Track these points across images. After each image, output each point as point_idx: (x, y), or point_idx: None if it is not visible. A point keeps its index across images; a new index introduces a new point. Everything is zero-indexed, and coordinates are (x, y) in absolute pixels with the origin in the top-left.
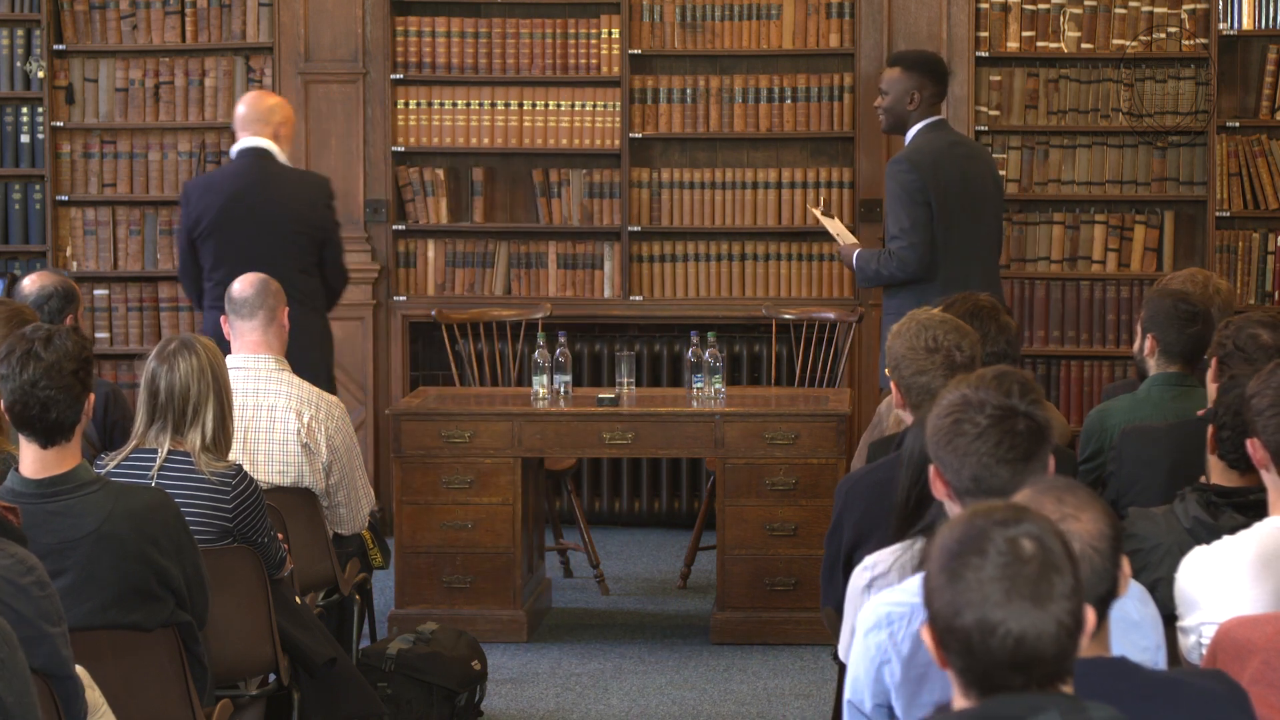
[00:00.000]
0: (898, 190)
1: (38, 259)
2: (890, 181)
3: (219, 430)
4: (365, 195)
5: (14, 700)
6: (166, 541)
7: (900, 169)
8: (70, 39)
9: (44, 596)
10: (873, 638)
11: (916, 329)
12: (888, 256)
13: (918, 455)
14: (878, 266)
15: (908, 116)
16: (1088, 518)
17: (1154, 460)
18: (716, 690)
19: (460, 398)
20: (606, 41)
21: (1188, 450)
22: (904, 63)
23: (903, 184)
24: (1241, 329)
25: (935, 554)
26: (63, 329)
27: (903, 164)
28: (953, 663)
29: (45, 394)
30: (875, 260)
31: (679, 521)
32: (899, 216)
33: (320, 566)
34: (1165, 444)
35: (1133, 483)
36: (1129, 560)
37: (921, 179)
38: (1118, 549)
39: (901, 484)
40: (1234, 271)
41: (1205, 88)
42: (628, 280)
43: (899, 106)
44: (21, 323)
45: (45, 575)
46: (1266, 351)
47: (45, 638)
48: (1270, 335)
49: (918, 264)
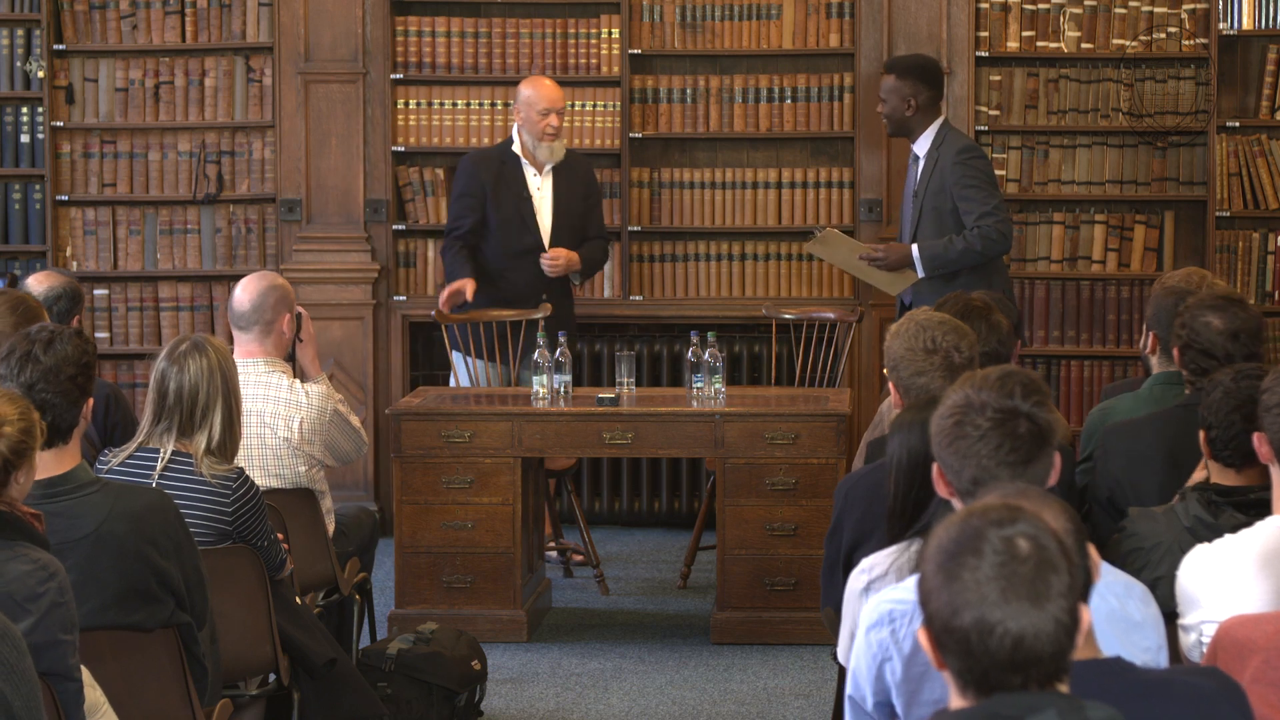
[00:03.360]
0: (976, 172)
1: (38, 259)
2: (965, 166)
3: (226, 434)
4: (365, 195)
5: (21, 705)
6: (165, 542)
7: (975, 154)
8: (70, 39)
9: (62, 604)
10: (874, 635)
11: (915, 330)
12: (977, 234)
13: (906, 459)
14: (966, 246)
15: (909, 121)
16: (1048, 515)
17: (1144, 453)
18: (716, 690)
19: (460, 398)
20: (606, 41)
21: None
22: (897, 70)
23: (980, 167)
24: (1195, 317)
25: (930, 555)
26: (66, 332)
27: (975, 149)
28: (950, 663)
29: (42, 397)
30: (961, 241)
31: (679, 521)
32: (985, 195)
33: (320, 566)
34: (1151, 435)
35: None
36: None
37: (990, 163)
38: (1082, 541)
39: (894, 488)
40: (1234, 271)
41: (1205, 88)
42: (628, 280)
43: (898, 114)
44: (26, 311)
45: (67, 582)
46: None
47: (57, 644)
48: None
49: (1009, 238)
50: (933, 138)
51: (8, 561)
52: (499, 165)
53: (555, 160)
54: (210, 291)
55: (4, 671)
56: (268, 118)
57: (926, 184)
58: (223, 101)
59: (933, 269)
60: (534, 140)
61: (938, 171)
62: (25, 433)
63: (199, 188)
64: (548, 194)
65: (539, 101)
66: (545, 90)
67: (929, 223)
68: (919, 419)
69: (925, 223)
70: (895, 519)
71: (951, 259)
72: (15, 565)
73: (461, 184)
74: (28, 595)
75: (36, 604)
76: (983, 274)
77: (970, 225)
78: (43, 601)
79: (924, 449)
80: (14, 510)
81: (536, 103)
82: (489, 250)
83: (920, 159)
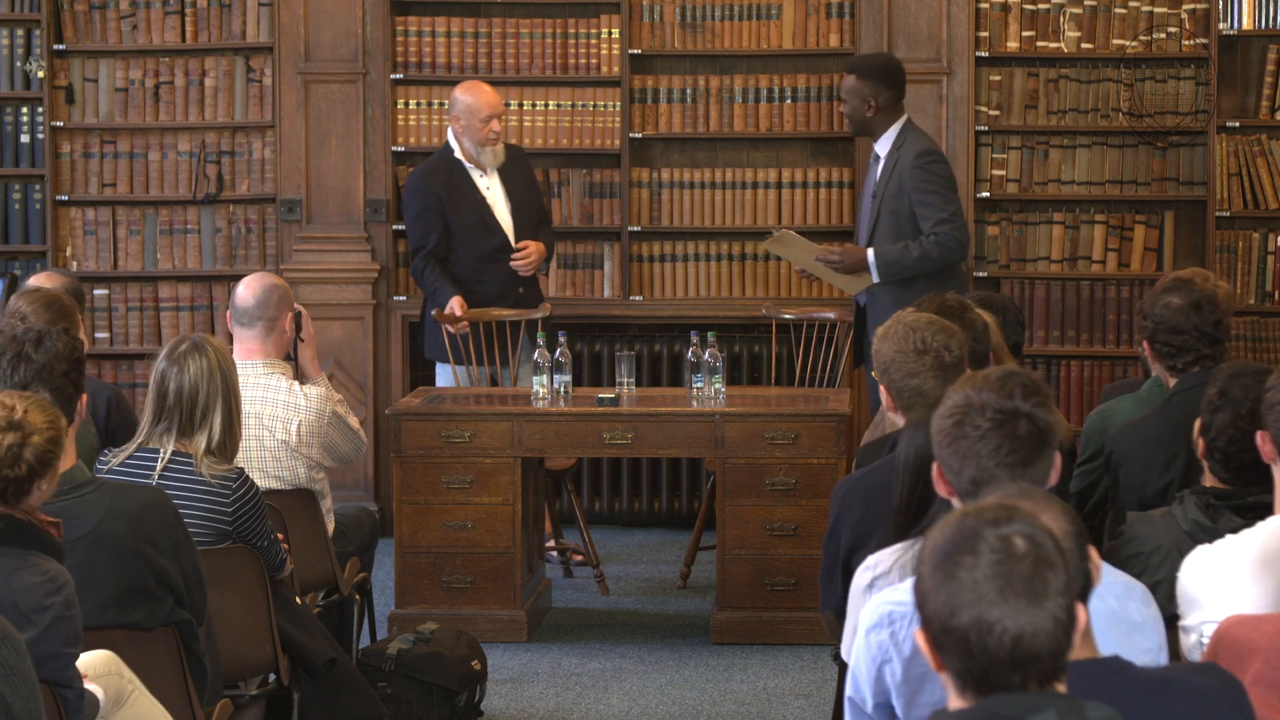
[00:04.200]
0: (934, 177)
1: (38, 259)
2: (923, 171)
3: (226, 434)
4: (365, 195)
5: (21, 707)
6: (164, 540)
7: (934, 158)
8: (70, 39)
9: (68, 618)
10: (874, 636)
11: (904, 331)
12: (934, 242)
13: (914, 458)
14: (923, 253)
15: (870, 121)
16: (1048, 516)
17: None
18: (716, 690)
19: (460, 398)
20: (606, 41)
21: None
22: (858, 70)
23: (938, 171)
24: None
25: (927, 556)
26: (53, 330)
27: (935, 152)
28: (949, 664)
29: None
30: (918, 249)
31: (679, 521)
32: (943, 201)
33: (320, 566)
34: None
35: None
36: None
37: (950, 167)
38: (1083, 543)
39: (900, 486)
40: (1234, 271)
41: (1205, 88)
42: (628, 280)
43: (859, 114)
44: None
45: (74, 595)
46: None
47: (58, 656)
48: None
49: (966, 245)
50: (894, 138)
51: (18, 571)
52: (447, 175)
53: (499, 162)
54: (210, 291)
55: (4, 674)
56: (268, 118)
57: (885, 185)
58: (223, 101)
59: (888, 275)
60: (476, 146)
61: (896, 173)
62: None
63: (199, 188)
64: (499, 193)
65: (482, 109)
66: (487, 97)
67: (886, 226)
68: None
69: (882, 225)
70: (900, 516)
71: (908, 266)
72: (25, 576)
73: (418, 202)
74: (33, 607)
75: (41, 616)
76: (939, 279)
77: (927, 231)
78: (47, 615)
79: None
80: (32, 519)
81: (479, 110)
82: (457, 260)
83: (881, 159)
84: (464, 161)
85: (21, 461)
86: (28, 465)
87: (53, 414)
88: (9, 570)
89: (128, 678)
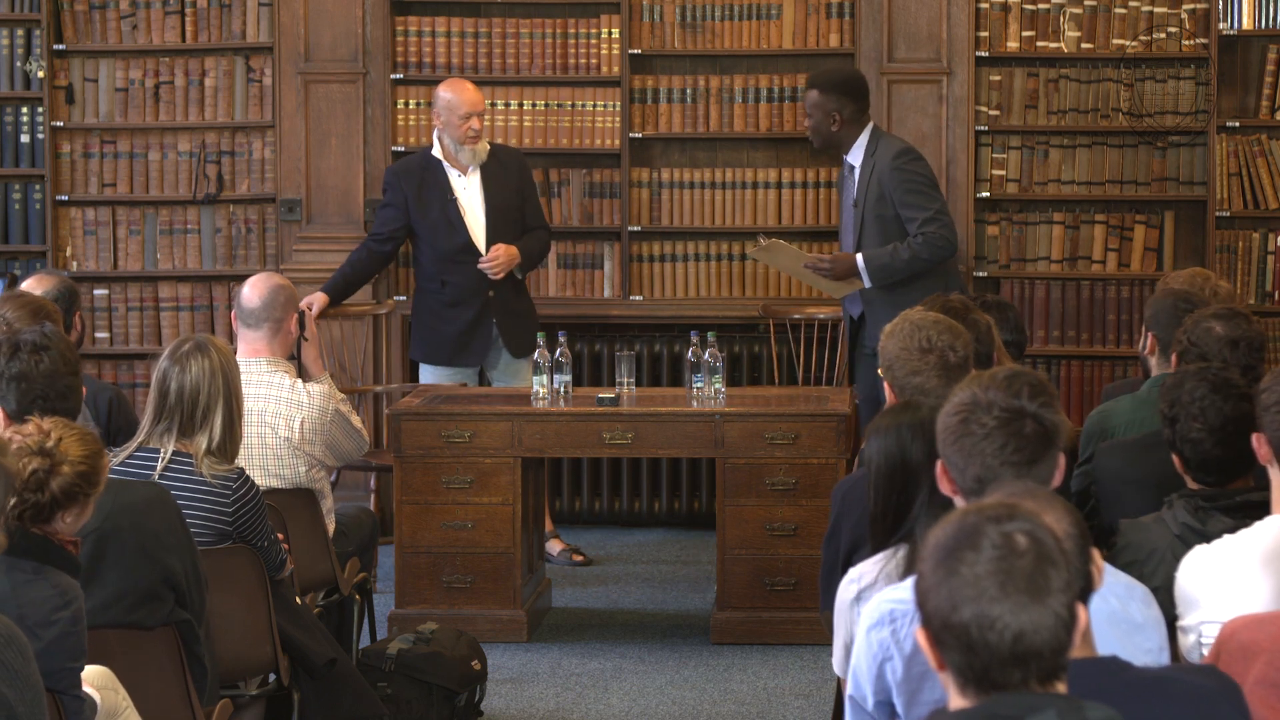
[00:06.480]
0: (915, 177)
1: (38, 259)
2: (903, 172)
3: (227, 434)
4: (365, 195)
5: (24, 710)
6: (167, 535)
7: (911, 157)
8: (70, 39)
9: (74, 633)
10: (875, 635)
11: (910, 330)
12: (923, 242)
13: (884, 465)
14: (913, 255)
15: (836, 135)
16: (1051, 516)
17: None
18: (716, 690)
19: (460, 398)
20: (606, 41)
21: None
22: (819, 85)
23: (918, 170)
24: (1198, 323)
25: (928, 552)
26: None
27: (910, 151)
28: (950, 661)
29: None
30: (907, 250)
31: (679, 521)
32: (927, 200)
33: (320, 566)
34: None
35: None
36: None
37: (928, 164)
38: (1086, 545)
39: (874, 495)
40: (1234, 271)
41: (1205, 88)
42: (628, 280)
43: (824, 129)
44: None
45: (82, 610)
46: (1220, 343)
47: (61, 670)
48: (1224, 327)
49: (955, 243)
50: (865, 145)
51: (29, 584)
52: (420, 173)
53: (479, 161)
54: (210, 291)
55: (8, 676)
56: (268, 118)
57: (865, 193)
58: (223, 101)
59: (880, 279)
60: (456, 144)
61: (875, 179)
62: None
63: (199, 188)
64: (476, 194)
65: (460, 106)
66: (467, 94)
67: (872, 232)
68: (894, 423)
69: (869, 232)
70: (877, 525)
71: (898, 268)
72: (35, 589)
73: (385, 196)
74: (40, 621)
75: (47, 631)
76: (938, 278)
77: (914, 232)
78: (53, 630)
79: (900, 454)
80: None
81: (458, 107)
82: (425, 256)
83: (855, 169)
84: (442, 160)
85: (46, 489)
86: (51, 495)
87: (95, 449)
88: (19, 583)
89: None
